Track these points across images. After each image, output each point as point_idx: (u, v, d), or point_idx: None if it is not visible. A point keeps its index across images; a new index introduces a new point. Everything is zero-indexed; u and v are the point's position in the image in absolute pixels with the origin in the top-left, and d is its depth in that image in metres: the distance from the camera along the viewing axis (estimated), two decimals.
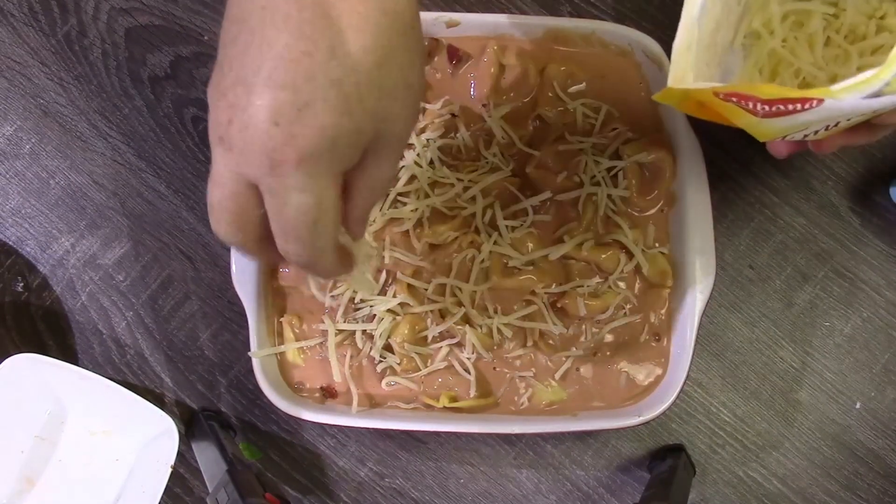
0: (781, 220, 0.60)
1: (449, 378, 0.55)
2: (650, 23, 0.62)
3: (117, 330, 0.60)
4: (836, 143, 0.45)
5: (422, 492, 0.59)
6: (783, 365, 0.59)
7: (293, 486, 0.59)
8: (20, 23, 0.63)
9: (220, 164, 0.34)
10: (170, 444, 0.55)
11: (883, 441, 0.59)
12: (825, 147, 0.46)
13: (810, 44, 0.50)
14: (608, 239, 0.56)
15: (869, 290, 0.60)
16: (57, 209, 0.62)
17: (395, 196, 0.56)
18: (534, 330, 0.54)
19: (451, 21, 0.57)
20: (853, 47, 0.50)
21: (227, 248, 0.56)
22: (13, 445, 0.57)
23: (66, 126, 0.63)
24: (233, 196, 0.35)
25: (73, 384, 0.57)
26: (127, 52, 0.63)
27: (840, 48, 0.50)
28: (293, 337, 0.55)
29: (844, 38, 0.50)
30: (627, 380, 0.55)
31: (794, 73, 0.50)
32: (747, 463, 0.59)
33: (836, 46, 0.50)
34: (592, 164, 0.56)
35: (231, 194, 0.35)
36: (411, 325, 0.54)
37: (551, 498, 0.59)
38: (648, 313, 0.55)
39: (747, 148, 0.61)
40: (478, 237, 0.55)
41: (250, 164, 0.33)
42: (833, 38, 0.50)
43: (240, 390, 0.60)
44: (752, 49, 0.50)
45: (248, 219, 0.36)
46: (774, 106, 0.38)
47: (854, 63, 0.50)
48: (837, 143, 0.45)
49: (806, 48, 0.49)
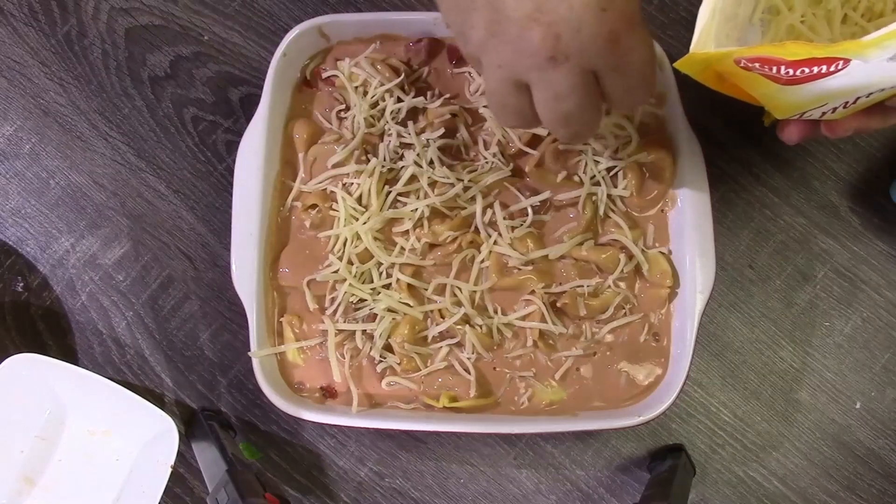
0: (781, 220, 0.60)
1: (449, 378, 0.55)
2: (650, 23, 0.62)
3: (117, 330, 0.60)
4: (849, 127, 0.45)
5: (422, 492, 0.59)
6: (783, 365, 0.59)
7: (293, 486, 0.59)
8: (20, 23, 0.63)
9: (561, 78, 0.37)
10: (170, 444, 0.55)
11: (883, 441, 0.59)
12: (839, 130, 0.45)
13: (828, 20, 0.49)
14: (608, 239, 0.56)
15: (869, 290, 0.60)
16: (57, 209, 0.62)
17: (395, 196, 0.56)
18: (534, 330, 0.54)
19: None
20: (870, 24, 0.49)
21: (227, 248, 0.56)
22: (13, 445, 0.57)
23: (66, 126, 0.63)
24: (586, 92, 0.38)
25: (73, 384, 0.57)
26: (127, 52, 0.63)
27: (857, 25, 0.50)
28: (293, 337, 0.55)
29: (861, 15, 0.49)
30: (627, 380, 0.55)
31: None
32: (747, 463, 0.59)
33: (853, 24, 0.50)
34: (592, 164, 0.56)
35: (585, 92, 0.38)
36: (411, 325, 0.54)
37: (551, 498, 0.59)
38: (648, 313, 0.55)
39: (747, 148, 0.61)
40: (478, 237, 0.55)
41: (593, 56, 0.37)
42: (850, 16, 0.50)
43: (240, 390, 0.60)
44: (771, 24, 0.49)
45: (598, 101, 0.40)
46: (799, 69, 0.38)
47: None
48: (851, 127, 0.45)
49: (824, 24, 0.49)
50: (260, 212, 0.55)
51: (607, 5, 0.35)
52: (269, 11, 0.63)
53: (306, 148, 0.57)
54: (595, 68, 0.38)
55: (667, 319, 0.55)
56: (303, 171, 0.58)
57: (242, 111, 0.62)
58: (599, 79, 0.39)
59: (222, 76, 0.63)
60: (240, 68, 0.63)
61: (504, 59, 0.38)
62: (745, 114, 0.47)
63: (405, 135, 0.56)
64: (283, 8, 0.63)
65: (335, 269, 0.55)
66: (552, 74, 0.37)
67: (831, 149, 0.61)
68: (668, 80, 0.55)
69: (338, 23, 0.58)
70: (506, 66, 0.38)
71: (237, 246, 0.54)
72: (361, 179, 0.55)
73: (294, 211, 0.57)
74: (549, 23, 0.35)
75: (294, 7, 0.63)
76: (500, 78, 0.39)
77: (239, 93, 0.62)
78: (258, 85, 0.57)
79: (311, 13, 0.63)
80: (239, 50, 0.63)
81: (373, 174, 0.55)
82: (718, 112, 0.60)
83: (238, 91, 0.62)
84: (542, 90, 0.39)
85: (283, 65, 0.57)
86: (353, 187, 0.56)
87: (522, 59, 0.37)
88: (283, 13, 0.63)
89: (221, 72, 0.63)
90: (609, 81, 0.39)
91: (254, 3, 0.64)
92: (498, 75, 0.39)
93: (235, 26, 0.63)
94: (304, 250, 0.56)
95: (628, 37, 0.37)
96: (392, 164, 0.56)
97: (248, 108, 0.62)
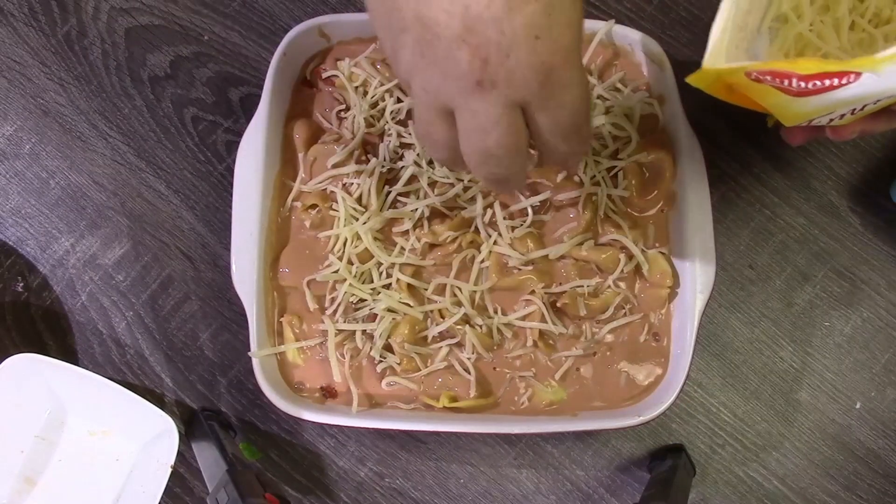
0: (781, 220, 0.60)
1: (449, 378, 0.55)
2: (650, 23, 0.62)
3: (117, 330, 0.60)
4: (855, 130, 0.45)
5: (422, 492, 0.59)
6: (783, 365, 0.59)
7: (293, 486, 0.59)
8: (20, 23, 0.63)
9: (486, 108, 0.35)
10: (170, 444, 0.55)
11: (883, 441, 0.59)
12: (844, 134, 0.45)
13: (836, 28, 0.49)
14: (608, 239, 0.56)
15: (869, 290, 0.60)
16: (57, 209, 0.62)
17: (395, 196, 0.56)
18: (534, 330, 0.54)
19: None
20: (878, 31, 0.49)
21: (227, 248, 0.56)
22: (13, 445, 0.57)
23: (66, 126, 0.63)
24: (510, 128, 0.36)
25: (73, 384, 0.57)
26: (127, 52, 0.63)
27: (865, 32, 0.50)
28: (293, 337, 0.55)
29: (868, 21, 0.49)
30: (627, 380, 0.55)
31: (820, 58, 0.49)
32: (747, 463, 0.59)
33: (861, 30, 0.50)
34: (592, 163, 0.56)
35: (509, 128, 0.36)
36: (411, 325, 0.54)
37: (551, 498, 0.59)
38: (648, 313, 0.55)
39: (747, 148, 0.61)
40: (478, 237, 0.55)
41: (521, 87, 0.34)
42: (858, 22, 0.50)
43: (240, 390, 0.60)
44: (779, 33, 0.49)
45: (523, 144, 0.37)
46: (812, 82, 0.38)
47: (879, 46, 0.49)
48: (857, 130, 0.45)
49: (832, 32, 0.49)
50: (260, 212, 0.55)
51: (541, 33, 0.33)
52: (269, 11, 0.63)
53: (306, 148, 0.57)
54: (524, 102, 0.35)
55: (667, 319, 0.55)
56: (303, 171, 0.58)
57: (242, 111, 0.62)
58: (528, 117, 0.36)
59: (222, 76, 0.63)
60: (240, 68, 0.63)
61: (431, 82, 0.35)
62: (745, 114, 0.47)
63: (405, 135, 0.56)
64: (283, 8, 0.63)
65: (335, 269, 0.55)
66: (477, 102, 0.35)
67: (831, 149, 0.61)
68: (669, 80, 0.55)
69: (338, 23, 0.58)
70: (432, 91, 0.36)
71: (237, 246, 0.54)
72: (361, 179, 0.55)
73: (294, 211, 0.57)
74: (477, 45, 0.33)
75: (294, 7, 0.63)
76: (427, 103, 0.37)
77: (239, 93, 0.62)
78: (258, 85, 0.57)
79: (311, 13, 0.63)
80: (239, 50, 0.63)
81: (373, 174, 0.55)
82: (719, 112, 0.60)
83: (238, 91, 0.62)
84: (466, 119, 0.36)
85: (283, 65, 0.57)
86: (352, 187, 0.56)
87: (449, 82, 0.35)
88: (283, 13, 0.63)
89: (221, 72, 0.63)
90: (539, 120, 0.36)
91: (254, 3, 0.64)
92: (425, 100, 0.37)
93: (235, 26, 0.63)
94: (304, 250, 0.56)
95: (562, 71, 0.34)
96: (392, 164, 0.56)
97: (248, 108, 0.62)
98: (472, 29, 0.33)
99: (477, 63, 0.33)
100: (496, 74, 0.34)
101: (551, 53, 0.34)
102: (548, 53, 0.33)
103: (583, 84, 0.36)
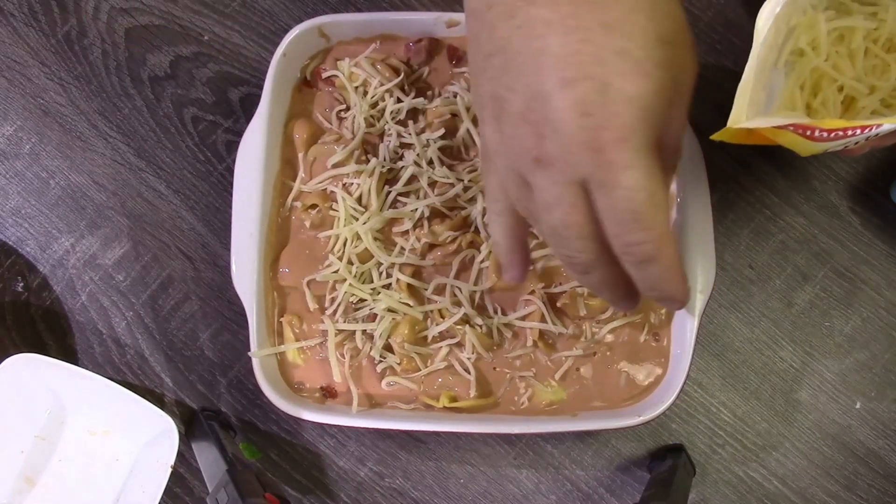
0: (781, 220, 0.60)
1: (449, 378, 0.55)
2: None
3: (117, 330, 0.60)
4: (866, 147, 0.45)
5: (422, 492, 0.59)
6: (783, 365, 0.59)
7: (293, 486, 0.59)
8: (20, 23, 0.63)
9: (548, 185, 0.35)
10: (170, 444, 0.55)
11: (883, 441, 0.59)
12: (856, 152, 0.46)
13: (851, 58, 0.50)
14: None
15: (869, 290, 0.60)
16: (57, 209, 0.62)
17: (395, 196, 0.56)
18: (534, 330, 0.54)
19: (451, 21, 0.57)
20: (890, 56, 0.50)
21: (227, 248, 0.56)
22: (13, 445, 0.57)
23: (66, 126, 0.63)
24: (572, 207, 0.35)
25: (73, 384, 0.57)
26: (127, 52, 0.63)
27: (878, 58, 0.50)
28: (293, 337, 0.55)
29: (881, 46, 0.50)
30: (627, 380, 0.55)
31: (836, 89, 0.50)
32: (747, 463, 0.59)
33: (874, 56, 0.50)
34: None
35: (571, 208, 0.35)
36: (411, 325, 0.54)
37: (551, 498, 0.59)
38: (648, 313, 0.55)
39: (747, 148, 0.61)
40: (478, 237, 0.55)
41: (575, 165, 0.34)
42: (871, 49, 0.50)
43: (240, 390, 0.60)
44: (795, 66, 0.49)
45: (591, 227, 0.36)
46: (834, 132, 0.39)
47: (893, 73, 0.50)
48: (867, 147, 0.45)
49: (848, 63, 0.49)
50: (260, 212, 0.55)
51: (593, 110, 0.32)
52: (269, 11, 0.63)
53: (306, 148, 0.57)
54: (583, 180, 0.34)
55: (667, 319, 0.55)
56: (303, 171, 0.58)
57: (242, 111, 0.62)
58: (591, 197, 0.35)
59: (222, 76, 0.63)
60: (240, 68, 0.63)
61: (507, 157, 0.37)
62: None
63: (405, 135, 0.56)
64: (283, 8, 0.63)
65: (335, 269, 0.55)
66: (539, 179, 0.35)
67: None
68: None
69: (338, 23, 0.58)
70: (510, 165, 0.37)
71: (237, 246, 0.55)
72: (361, 179, 0.55)
73: (294, 211, 0.57)
74: (535, 121, 0.34)
75: (294, 7, 0.63)
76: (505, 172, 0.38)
77: (239, 93, 0.62)
78: (258, 85, 0.57)
79: (311, 13, 0.63)
80: (239, 50, 0.63)
81: (373, 174, 0.55)
82: (719, 112, 0.60)
83: (238, 91, 0.63)
84: (535, 195, 0.36)
85: (283, 65, 0.57)
86: (353, 187, 0.56)
87: (517, 157, 0.36)
88: (283, 13, 0.63)
89: (221, 72, 0.63)
90: (597, 203, 0.35)
91: (254, 3, 0.64)
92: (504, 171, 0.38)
93: (235, 26, 0.63)
94: (304, 250, 0.56)
95: (616, 150, 0.33)
96: (392, 164, 0.56)
97: (248, 108, 0.62)
98: (531, 105, 0.34)
99: (534, 139, 0.34)
100: (553, 151, 0.34)
101: (603, 129, 0.33)
102: (599, 129, 0.33)
103: (645, 168, 0.33)
